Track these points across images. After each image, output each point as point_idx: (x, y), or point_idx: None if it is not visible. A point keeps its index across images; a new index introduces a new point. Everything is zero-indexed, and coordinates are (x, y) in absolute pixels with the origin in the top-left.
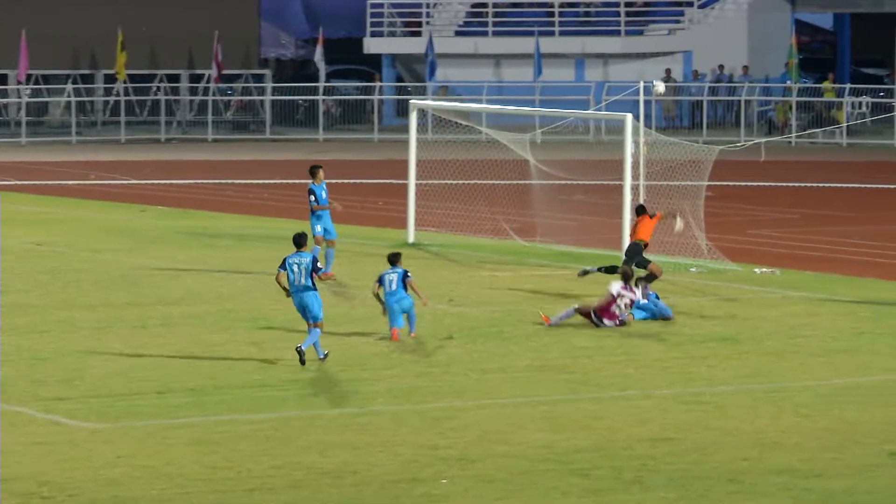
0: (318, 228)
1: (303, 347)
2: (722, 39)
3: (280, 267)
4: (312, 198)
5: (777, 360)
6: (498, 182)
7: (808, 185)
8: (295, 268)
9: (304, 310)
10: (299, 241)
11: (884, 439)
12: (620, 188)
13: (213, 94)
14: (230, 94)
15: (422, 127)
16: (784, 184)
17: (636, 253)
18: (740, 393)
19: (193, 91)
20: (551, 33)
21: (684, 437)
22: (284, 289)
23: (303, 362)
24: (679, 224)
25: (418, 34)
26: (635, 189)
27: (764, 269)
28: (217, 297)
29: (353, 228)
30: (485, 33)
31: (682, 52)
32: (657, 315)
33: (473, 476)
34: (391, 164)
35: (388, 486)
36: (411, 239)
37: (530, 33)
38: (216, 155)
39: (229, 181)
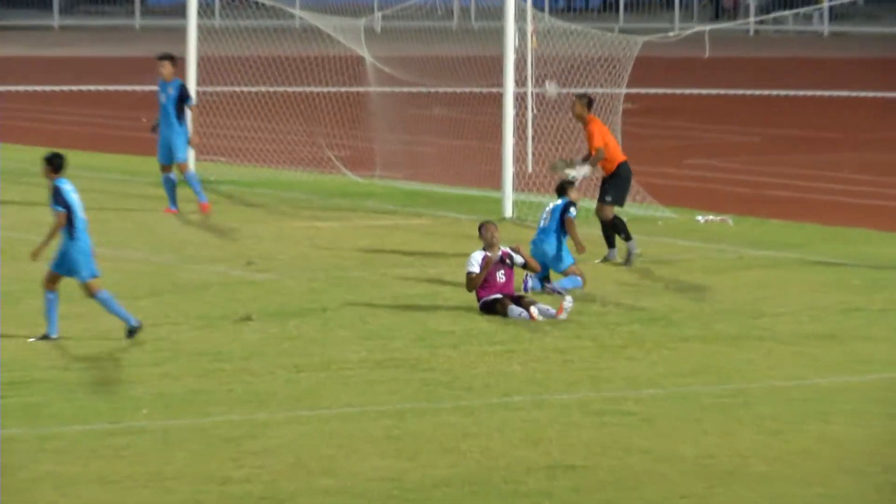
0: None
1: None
2: None
3: (57, 206)
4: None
5: (731, 349)
6: (318, 89)
7: (773, 92)
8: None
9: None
10: (58, 163)
11: (887, 466)
12: (499, 99)
13: None
14: None
15: (206, 9)
16: (737, 91)
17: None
18: (678, 398)
19: None
20: None
21: (595, 464)
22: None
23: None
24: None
25: None
26: (520, 100)
27: (710, 217)
28: None
29: (107, 158)
30: None
31: None
32: (555, 289)
33: None
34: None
35: None
36: (192, 173)
37: None
38: None
39: None
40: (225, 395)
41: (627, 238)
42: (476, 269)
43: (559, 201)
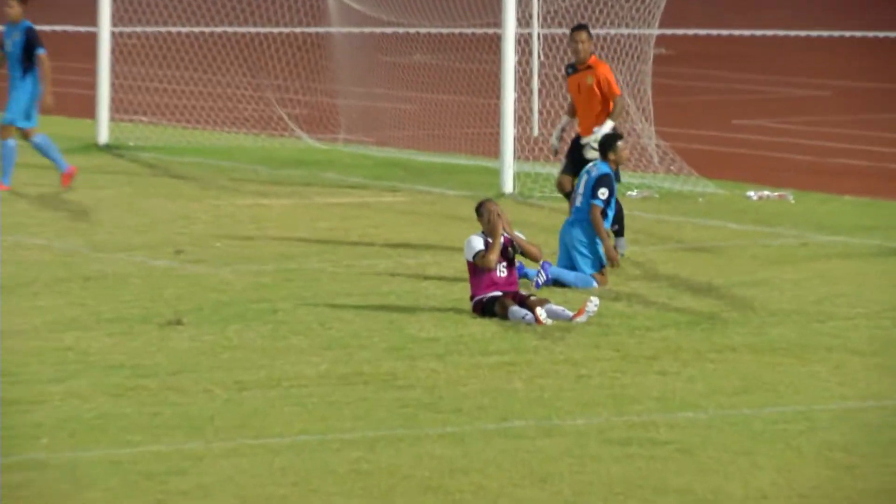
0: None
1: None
2: None
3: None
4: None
5: (790, 361)
6: (266, 30)
7: (847, 34)
8: None
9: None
10: None
11: None
12: (496, 42)
13: None
14: None
15: None
16: (799, 33)
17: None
18: (722, 424)
19: None
20: None
21: None
22: None
23: None
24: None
25: None
26: (522, 43)
27: (765, 193)
28: None
29: None
30: None
31: None
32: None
33: None
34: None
35: None
36: (103, 137)
37: None
38: None
39: None
40: (148, 419)
41: (619, 233)
42: (482, 247)
43: (596, 168)
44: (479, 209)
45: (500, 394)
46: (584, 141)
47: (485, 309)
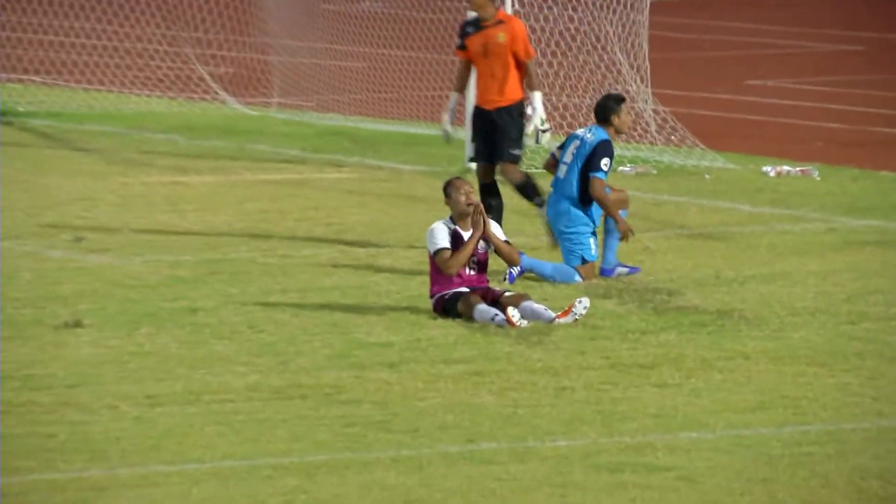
0: None
1: None
2: None
3: None
4: None
5: (815, 371)
6: None
7: None
8: None
9: None
10: None
11: None
12: None
13: None
14: None
15: None
16: None
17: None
18: (733, 446)
19: None
20: None
21: None
22: None
23: None
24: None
25: None
26: None
27: (785, 169)
28: None
29: None
30: None
31: None
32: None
33: None
34: None
35: None
36: None
37: None
38: None
39: None
40: (41, 441)
41: (541, 204)
42: (445, 243)
43: (592, 134)
44: (448, 189)
45: (466, 410)
46: (530, 129)
47: (447, 308)
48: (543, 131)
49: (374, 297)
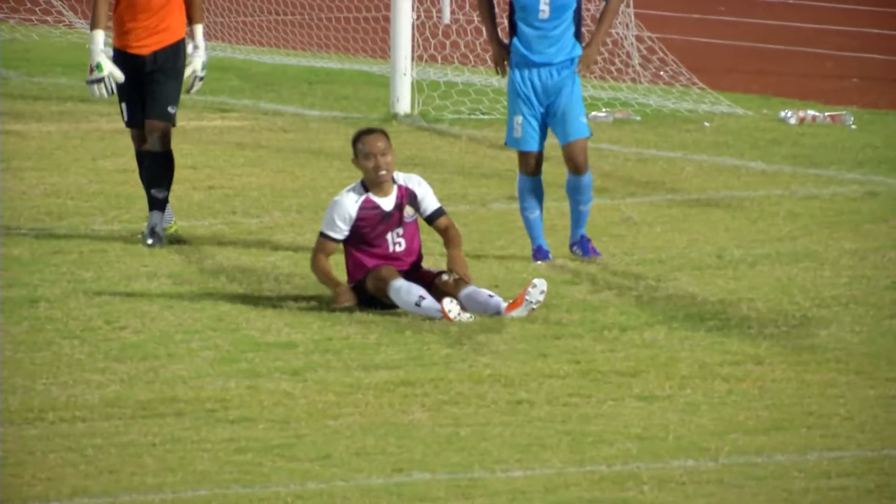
0: None
1: None
2: None
3: None
4: None
5: (851, 381)
6: None
7: None
8: None
9: None
10: None
11: None
12: None
13: None
14: None
15: None
16: None
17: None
18: (743, 476)
19: None
20: None
21: None
22: None
23: None
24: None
25: None
26: None
27: (810, 113)
28: None
29: None
30: None
31: None
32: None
33: None
34: None
35: None
36: None
37: None
38: None
39: None
40: None
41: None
42: (336, 233)
43: None
44: (356, 145)
45: (392, 431)
46: (188, 72)
47: (368, 295)
48: (200, 79)
49: (270, 283)
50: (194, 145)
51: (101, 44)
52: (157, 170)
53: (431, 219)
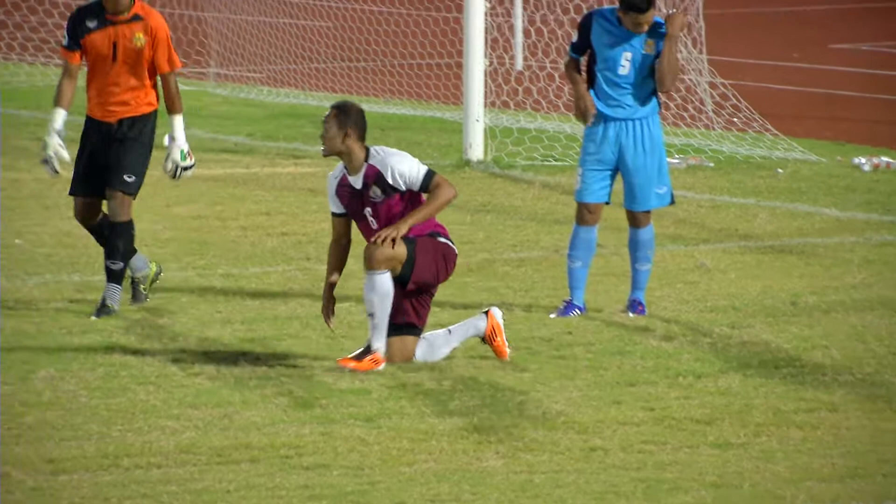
0: None
1: None
2: None
3: None
4: None
5: None
6: None
7: None
8: None
9: None
10: None
11: None
12: None
13: None
14: None
15: None
16: None
17: None
18: None
19: None
20: None
21: None
22: None
23: None
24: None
25: None
26: None
27: (884, 160)
28: None
29: None
30: None
31: None
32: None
33: None
34: None
35: None
36: None
37: None
38: None
39: None
40: None
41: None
42: (334, 207)
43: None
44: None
45: (466, 478)
46: (168, 166)
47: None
48: (186, 168)
49: (343, 328)
50: (268, 191)
51: (57, 122)
52: (113, 240)
53: (423, 191)
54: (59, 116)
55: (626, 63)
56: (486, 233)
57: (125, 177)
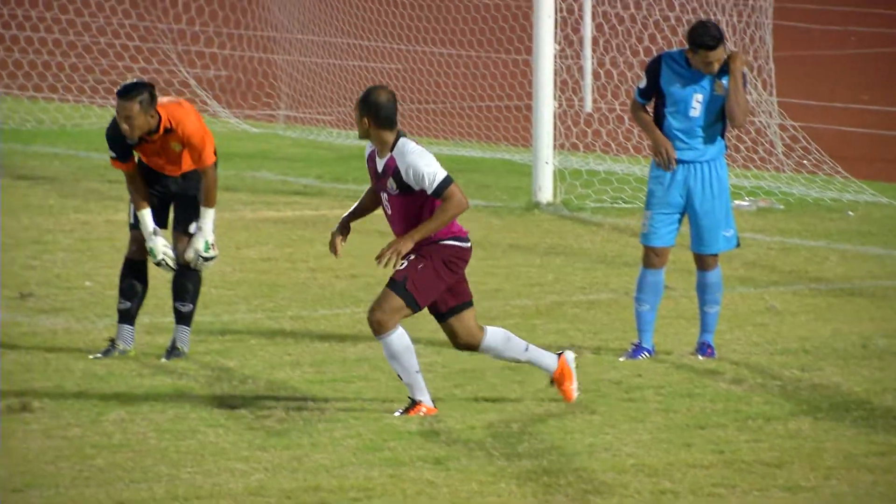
0: None
1: None
2: None
3: None
4: None
5: None
6: None
7: None
8: None
9: None
10: None
11: None
12: None
13: None
14: None
15: None
16: None
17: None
18: None
19: None
20: None
21: None
22: None
23: None
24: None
25: None
26: None
27: None
28: None
29: None
30: None
31: None
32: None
33: None
34: None
35: None
36: None
37: None
38: None
39: None
40: None
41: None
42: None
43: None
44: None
45: None
46: (190, 255)
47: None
48: (207, 259)
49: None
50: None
51: (149, 224)
52: (182, 281)
53: (436, 197)
54: (147, 217)
55: (697, 105)
56: (556, 275)
57: (190, 228)
